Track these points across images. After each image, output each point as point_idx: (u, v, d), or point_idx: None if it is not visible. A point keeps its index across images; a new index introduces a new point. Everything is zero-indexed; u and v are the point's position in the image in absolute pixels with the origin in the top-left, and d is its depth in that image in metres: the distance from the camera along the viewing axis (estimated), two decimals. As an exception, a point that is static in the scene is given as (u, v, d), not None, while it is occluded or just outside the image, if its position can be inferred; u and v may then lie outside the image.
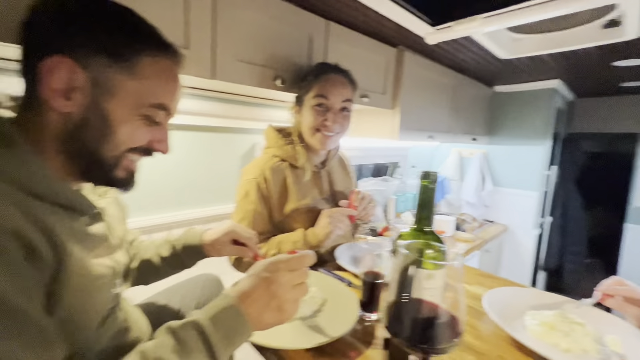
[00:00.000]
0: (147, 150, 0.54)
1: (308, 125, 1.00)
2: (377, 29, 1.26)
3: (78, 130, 0.47)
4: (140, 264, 0.77)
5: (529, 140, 2.31)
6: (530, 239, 2.40)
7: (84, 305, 0.49)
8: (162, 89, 0.50)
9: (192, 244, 0.77)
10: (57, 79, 0.44)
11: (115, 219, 0.62)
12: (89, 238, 0.51)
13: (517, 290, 0.85)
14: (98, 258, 0.53)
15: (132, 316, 0.65)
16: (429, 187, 0.52)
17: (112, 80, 0.46)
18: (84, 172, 0.50)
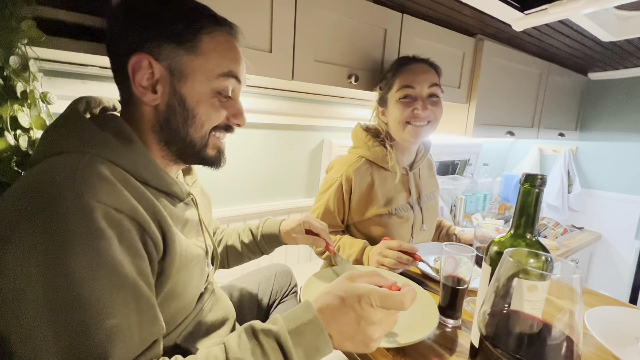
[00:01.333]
0: (227, 127, 0.58)
1: (396, 119, 0.95)
2: (454, 18, 1.19)
3: (167, 119, 0.52)
4: (225, 249, 0.86)
5: (632, 135, 1.97)
6: (630, 250, 2.05)
7: (185, 282, 0.55)
8: (225, 58, 0.53)
9: (270, 232, 0.82)
10: (142, 75, 0.49)
11: (203, 207, 0.69)
12: (186, 221, 0.57)
13: (626, 311, 0.74)
14: (193, 240, 0.59)
15: (221, 296, 0.72)
16: (532, 191, 0.47)
17: (182, 64, 0.50)
18: (180, 155, 0.55)
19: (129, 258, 0.41)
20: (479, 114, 1.39)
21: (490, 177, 2.23)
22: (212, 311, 0.66)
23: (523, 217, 0.49)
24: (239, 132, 0.63)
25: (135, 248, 0.43)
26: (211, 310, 0.66)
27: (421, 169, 1.09)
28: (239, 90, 0.59)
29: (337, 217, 1.00)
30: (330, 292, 0.46)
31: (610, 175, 2.09)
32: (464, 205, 1.88)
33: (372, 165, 0.99)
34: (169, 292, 0.51)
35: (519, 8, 1.04)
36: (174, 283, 0.52)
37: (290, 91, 1.18)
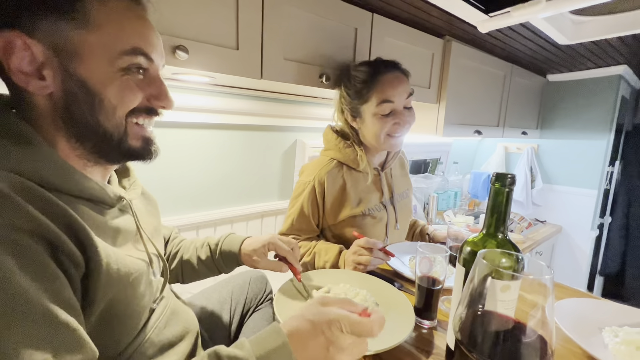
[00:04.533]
0: (150, 110, 0.50)
1: (376, 133, 0.94)
2: (423, 19, 1.20)
3: (69, 109, 0.44)
4: (180, 263, 0.79)
5: (587, 133, 2.11)
6: (586, 241, 2.20)
7: (126, 300, 0.48)
8: (126, 32, 0.45)
9: (229, 251, 0.76)
10: (18, 58, 0.40)
11: (145, 212, 0.62)
12: (118, 230, 0.50)
13: (590, 302, 0.77)
14: (130, 251, 0.52)
15: (179, 309, 0.65)
16: (502, 191, 0.47)
17: (69, 41, 0.42)
18: (99, 152, 0.47)
19: (35, 284, 0.35)
20: (449, 114, 1.42)
21: (460, 175, 2.30)
22: (168, 327, 0.59)
23: (494, 215, 0.49)
24: (207, 133, 0.58)
25: (44, 270, 0.36)
26: (167, 326, 0.59)
27: (393, 168, 1.09)
28: (159, 69, 0.51)
29: (312, 221, 0.98)
30: (300, 315, 0.44)
31: (568, 171, 2.22)
32: (436, 203, 1.93)
33: (343, 167, 0.98)
34: (106, 313, 0.45)
35: (484, 10, 1.07)
36: (109, 302, 0.45)
37: (261, 91, 1.14)
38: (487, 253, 0.42)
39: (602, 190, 2.19)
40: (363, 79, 0.93)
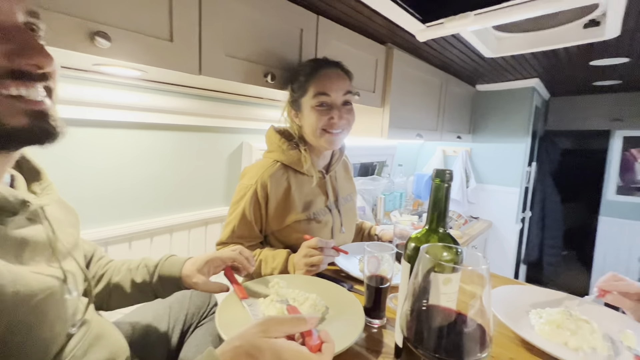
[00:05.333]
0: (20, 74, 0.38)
1: (312, 127, 0.93)
2: (366, 24, 1.24)
3: None
4: (107, 287, 0.69)
5: (510, 138, 2.37)
6: (512, 233, 2.46)
7: (29, 326, 0.41)
8: None
9: (170, 275, 0.69)
10: None
11: (61, 222, 0.54)
12: (23, 243, 0.43)
13: (518, 289, 0.84)
14: (40, 267, 0.45)
15: (103, 333, 0.57)
16: (443, 186, 0.49)
17: None
18: None
19: None
20: (393, 118, 1.48)
21: (405, 177, 2.43)
22: (90, 354, 0.51)
23: (436, 211, 0.50)
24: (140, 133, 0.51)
25: None
26: (87, 354, 0.51)
27: (337, 172, 1.09)
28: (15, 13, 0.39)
29: (255, 227, 0.93)
30: (239, 346, 0.40)
31: (496, 172, 2.47)
32: (383, 204, 2.00)
33: (288, 170, 0.95)
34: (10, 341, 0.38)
35: (422, 20, 1.14)
36: (3, 331, 0.38)
37: (204, 89, 1.07)
38: (429, 247, 0.42)
39: (523, 188, 2.47)
40: (305, 73, 0.93)
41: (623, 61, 1.68)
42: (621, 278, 0.74)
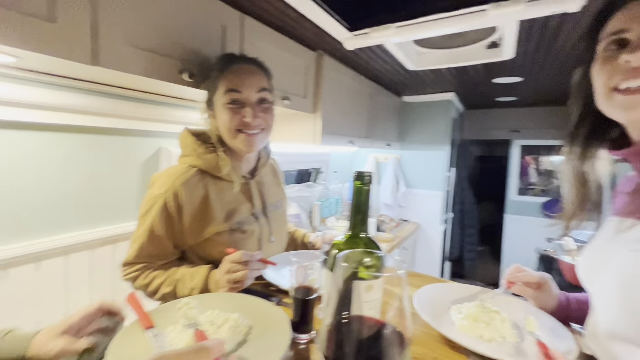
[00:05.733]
0: None
1: (226, 127, 0.85)
2: (296, 29, 1.22)
3: None
4: None
5: (433, 145, 2.59)
6: (438, 233, 2.67)
7: None
8: None
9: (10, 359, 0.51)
10: None
11: None
12: None
13: (440, 286, 0.88)
14: None
15: None
16: (363, 189, 0.47)
17: None
18: None
19: None
20: (325, 124, 1.48)
21: (340, 183, 2.47)
22: None
23: (358, 215, 0.48)
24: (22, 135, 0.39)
25: None
26: None
27: (264, 177, 1.03)
28: None
29: (168, 243, 0.82)
30: None
31: (422, 176, 2.67)
32: (319, 211, 1.99)
33: (205, 176, 0.86)
34: None
35: (349, 28, 1.16)
36: None
37: (108, 85, 0.92)
38: (347, 255, 0.40)
39: (446, 192, 2.71)
40: (216, 68, 0.85)
41: (518, 80, 1.96)
42: (523, 269, 0.82)
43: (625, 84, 0.48)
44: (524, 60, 1.58)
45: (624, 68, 0.47)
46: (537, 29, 1.22)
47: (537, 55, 1.50)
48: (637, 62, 0.46)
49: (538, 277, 0.79)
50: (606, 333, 0.55)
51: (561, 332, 0.66)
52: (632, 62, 0.46)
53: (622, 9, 0.50)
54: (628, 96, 0.48)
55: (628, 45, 0.48)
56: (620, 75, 0.48)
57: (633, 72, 0.47)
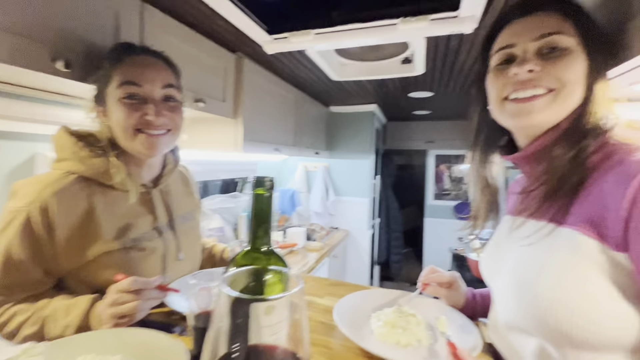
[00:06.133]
0: None
1: (122, 125, 0.72)
2: (210, 27, 1.13)
3: None
4: None
5: (359, 154, 2.69)
6: (366, 239, 2.76)
7: None
8: None
9: None
10: None
11: None
12: None
13: (361, 294, 0.87)
14: None
15: None
16: (265, 196, 0.42)
17: None
18: None
19: None
20: (248, 130, 1.40)
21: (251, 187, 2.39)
22: None
23: (259, 226, 0.42)
24: None
25: None
26: None
27: (172, 185, 0.91)
28: None
29: (34, 269, 0.65)
30: None
31: (350, 184, 2.74)
32: (246, 223, 1.87)
33: (89, 185, 0.71)
34: None
35: (268, 31, 1.12)
36: None
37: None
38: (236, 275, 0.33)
39: (372, 198, 2.83)
40: (111, 57, 0.73)
41: (429, 95, 2.16)
42: (437, 270, 0.86)
43: (515, 94, 0.53)
44: (433, 76, 1.74)
45: (513, 80, 0.52)
46: (441, 48, 1.34)
47: (443, 72, 1.67)
48: (523, 76, 0.50)
49: (449, 276, 0.83)
50: (505, 324, 0.58)
51: (469, 329, 0.70)
52: (520, 75, 0.51)
53: (508, 26, 0.56)
54: (517, 104, 0.52)
55: (516, 60, 0.53)
56: (511, 87, 0.53)
57: (521, 84, 0.51)
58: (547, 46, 0.50)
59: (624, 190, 0.38)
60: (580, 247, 0.43)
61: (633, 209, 0.37)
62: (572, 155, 0.47)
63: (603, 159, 0.46)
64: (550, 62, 0.49)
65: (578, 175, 0.47)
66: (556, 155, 0.49)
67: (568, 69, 0.48)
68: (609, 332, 0.40)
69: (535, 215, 0.53)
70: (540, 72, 0.49)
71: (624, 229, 0.38)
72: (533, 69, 0.49)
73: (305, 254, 1.96)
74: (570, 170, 0.47)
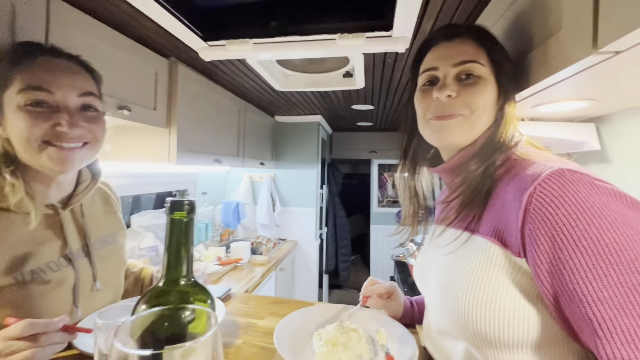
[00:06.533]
0: None
1: (23, 136, 0.61)
2: (138, 29, 1.04)
3: None
4: None
5: (305, 164, 2.69)
6: (314, 249, 2.75)
7: None
8: None
9: None
10: None
11: None
12: None
13: (304, 312, 0.84)
14: None
15: None
16: (184, 222, 0.37)
17: None
18: None
19: None
20: (183, 140, 1.31)
21: (211, 206, 2.26)
22: None
23: (176, 255, 0.38)
24: None
25: None
26: None
27: (88, 205, 0.80)
28: None
29: None
30: None
31: (296, 194, 2.72)
32: (183, 239, 1.74)
33: None
34: None
35: (203, 37, 1.06)
36: None
37: None
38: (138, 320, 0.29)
39: (319, 208, 2.84)
40: (11, 57, 0.63)
41: (370, 108, 2.25)
42: (376, 281, 0.87)
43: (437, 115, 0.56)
44: (373, 90, 1.82)
45: (436, 103, 0.56)
46: (379, 65, 1.41)
47: (381, 87, 1.75)
48: (443, 100, 0.54)
49: (388, 287, 0.84)
50: (436, 330, 0.61)
51: (407, 338, 0.71)
52: (440, 99, 0.54)
53: (433, 49, 0.59)
54: (439, 121, 0.56)
55: (438, 82, 0.57)
56: (434, 109, 0.57)
57: (443, 107, 0.55)
58: (464, 72, 0.54)
59: (519, 203, 0.42)
60: (490, 254, 0.47)
61: (526, 219, 0.41)
62: (484, 168, 0.52)
63: (506, 172, 0.50)
64: (465, 89, 0.54)
65: (487, 186, 0.51)
66: (471, 169, 0.53)
67: (479, 96, 0.53)
68: (518, 331, 0.43)
69: (454, 224, 0.57)
70: (456, 98, 0.54)
71: (521, 237, 0.42)
72: (451, 95, 0.53)
73: (251, 269, 1.87)
74: (480, 182, 0.51)
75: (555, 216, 0.38)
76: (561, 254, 0.38)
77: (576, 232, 0.37)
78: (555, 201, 0.39)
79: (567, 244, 0.37)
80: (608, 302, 0.34)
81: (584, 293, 0.35)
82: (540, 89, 0.57)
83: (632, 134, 0.80)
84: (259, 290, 1.76)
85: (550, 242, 0.38)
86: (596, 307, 0.34)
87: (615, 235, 0.36)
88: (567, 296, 0.37)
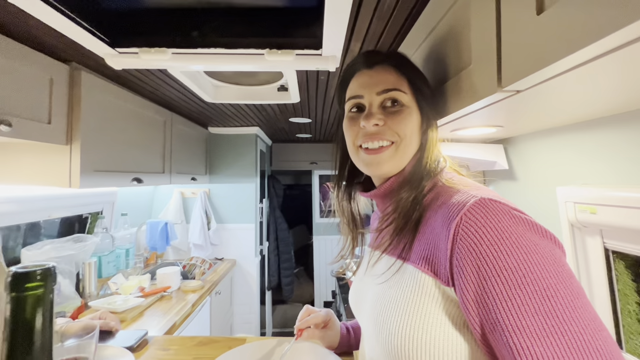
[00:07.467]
0: None
1: None
2: (17, 26, 0.86)
3: None
4: None
5: (242, 178, 2.57)
6: (254, 266, 2.62)
7: None
8: None
9: None
10: None
11: None
12: None
13: (234, 354, 0.76)
14: None
15: None
16: (34, 298, 0.28)
17: None
18: None
19: None
20: (89, 159, 1.12)
21: (134, 228, 2.00)
22: None
23: (28, 346, 0.28)
24: None
25: None
26: None
27: None
28: None
29: None
30: None
31: (234, 210, 2.57)
32: (94, 271, 1.50)
33: None
34: None
35: (109, 43, 0.92)
36: None
37: None
38: None
39: (258, 223, 2.73)
40: None
41: (308, 121, 2.24)
42: (312, 310, 0.82)
43: (366, 145, 0.55)
44: (309, 104, 1.81)
45: (363, 132, 0.54)
46: (312, 81, 1.40)
47: (317, 101, 1.75)
48: (370, 129, 0.53)
49: (324, 315, 0.81)
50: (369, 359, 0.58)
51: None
52: (367, 128, 0.53)
53: (356, 76, 0.58)
54: (369, 155, 0.54)
55: (364, 111, 0.55)
56: (362, 137, 0.55)
57: (370, 136, 0.54)
58: (388, 99, 0.54)
59: (447, 232, 0.42)
60: (420, 283, 0.46)
61: (454, 248, 0.41)
62: (414, 196, 0.51)
63: (433, 198, 0.50)
64: (391, 117, 0.54)
65: (417, 213, 0.50)
66: (402, 197, 0.52)
67: (405, 123, 0.53)
68: None
69: (388, 251, 0.55)
70: (384, 126, 0.53)
71: (449, 266, 0.42)
72: (378, 124, 0.52)
73: (182, 297, 1.69)
74: (411, 208, 0.51)
75: (480, 246, 0.39)
76: (485, 284, 0.38)
77: (498, 262, 0.37)
78: (479, 231, 0.39)
79: (490, 275, 0.37)
80: (525, 330, 0.34)
81: (505, 322, 0.36)
82: (456, 118, 0.59)
83: (533, 155, 0.89)
84: (190, 320, 1.59)
85: (476, 272, 0.39)
86: (515, 336, 0.35)
87: (530, 265, 0.36)
88: (491, 325, 0.37)
